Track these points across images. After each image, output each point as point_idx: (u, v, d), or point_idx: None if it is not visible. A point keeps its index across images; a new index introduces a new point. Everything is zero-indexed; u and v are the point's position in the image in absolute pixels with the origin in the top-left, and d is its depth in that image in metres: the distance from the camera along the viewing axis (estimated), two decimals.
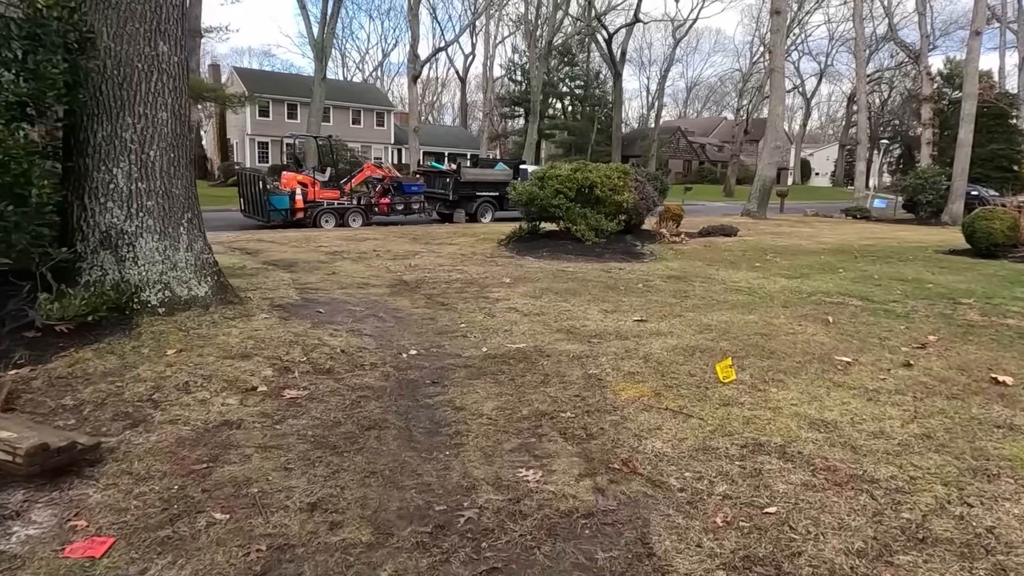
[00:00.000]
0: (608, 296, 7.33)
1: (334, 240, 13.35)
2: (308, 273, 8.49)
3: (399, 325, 5.74)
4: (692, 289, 7.98)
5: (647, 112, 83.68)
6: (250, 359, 4.44)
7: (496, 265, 9.86)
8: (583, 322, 6.00)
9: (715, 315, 6.45)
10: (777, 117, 26.42)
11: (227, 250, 11.05)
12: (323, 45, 34.64)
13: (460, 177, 21.47)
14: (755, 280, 8.92)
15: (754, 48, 59.62)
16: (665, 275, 9.17)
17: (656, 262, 10.86)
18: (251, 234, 14.86)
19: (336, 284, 7.63)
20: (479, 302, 6.80)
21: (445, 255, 11.16)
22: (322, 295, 6.87)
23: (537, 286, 7.83)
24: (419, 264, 9.71)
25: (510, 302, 6.84)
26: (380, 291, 7.30)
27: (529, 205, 12.46)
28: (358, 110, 52.36)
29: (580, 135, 60.51)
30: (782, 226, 21.97)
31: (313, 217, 18.41)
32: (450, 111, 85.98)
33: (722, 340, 5.45)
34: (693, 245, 13.97)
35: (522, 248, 12.18)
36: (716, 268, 10.12)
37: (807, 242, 15.74)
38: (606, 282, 8.33)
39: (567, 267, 9.79)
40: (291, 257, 10.21)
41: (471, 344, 5.18)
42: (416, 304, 6.64)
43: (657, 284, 8.31)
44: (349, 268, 9.12)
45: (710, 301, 7.23)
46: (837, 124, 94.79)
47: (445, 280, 8.20)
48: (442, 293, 7.29)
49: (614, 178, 12.58)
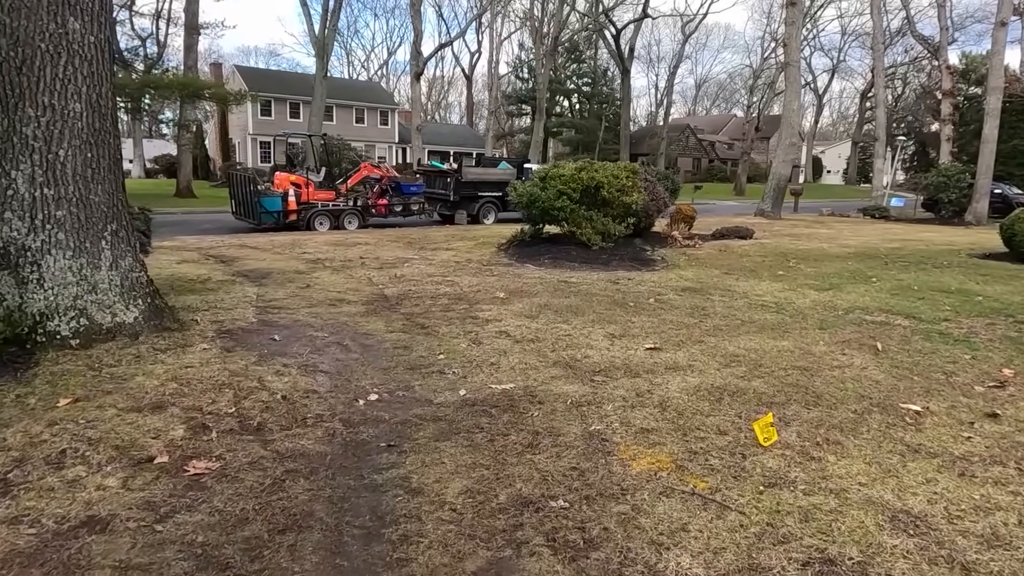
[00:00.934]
0: (615, 315, 6.36)
1: (321, 246, 12.44)
2: (279, 287, 7.57)
3: (365, 357, 4.79)
4: (711, 305, 6.99)
5: (655, 110, 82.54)
6: (163, 411, 3.51)
7: (492, 275, 8.91)
8: (585, 351, 5.04)
9: (741, 340, 5.48)
10: (792, 113, 25.34)
11: (201, 258, 10.16)
12: (324, 42, 33.79)
13: (461, 177, 20.54)
14: (781, 293, 7.92)
15: (765, 44, 58.38)
16: (679, 287, 8.19)
17: (668, 270, 9.87)
18: (237, 238, 13.98)
19: (306, 301, 6.70)
20: (466, 324, 5.85)
21: (437, 263, 10.22)
22: (284, 316, 5.95)
23: (535, 302, 6.87)
24: (406, 274, 8.77)
25: (502, 323, 5.89)
26: (354, 310, 6.36)
27: (530, 207, 11.50)
28: (361, 109, 51.53)
29: (587, 133, 59.43)
30: (798, 227, 20.91)
31: (307, 219, 17.53)
32: (457, 110, 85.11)
33: (754, 377, 4.47)
34: (707, 249, 12.96)
35: (522, 254, 11.23)
36: (735, 277, 9.13)
37: (828, 245, 14.70)
38: (613, 296, 7.36)
39: (570, 277, 8.83)
40: (267, 267, 9.30)
41: (447, 384, 4.23)
42: (392, 327, 5.70)
43: (671, 299, 7.33)
44: (327, 280, 8.20)
45: (733, 321, 6.24)
46: (849, 121, 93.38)
47: (431, 295, 7.26)
48: (425, 312, 6.34)
49: (622, 178, 11.60)
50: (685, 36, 55.44)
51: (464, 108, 73.65)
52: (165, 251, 11.05)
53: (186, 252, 10.84)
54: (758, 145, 62.37)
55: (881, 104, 29.17)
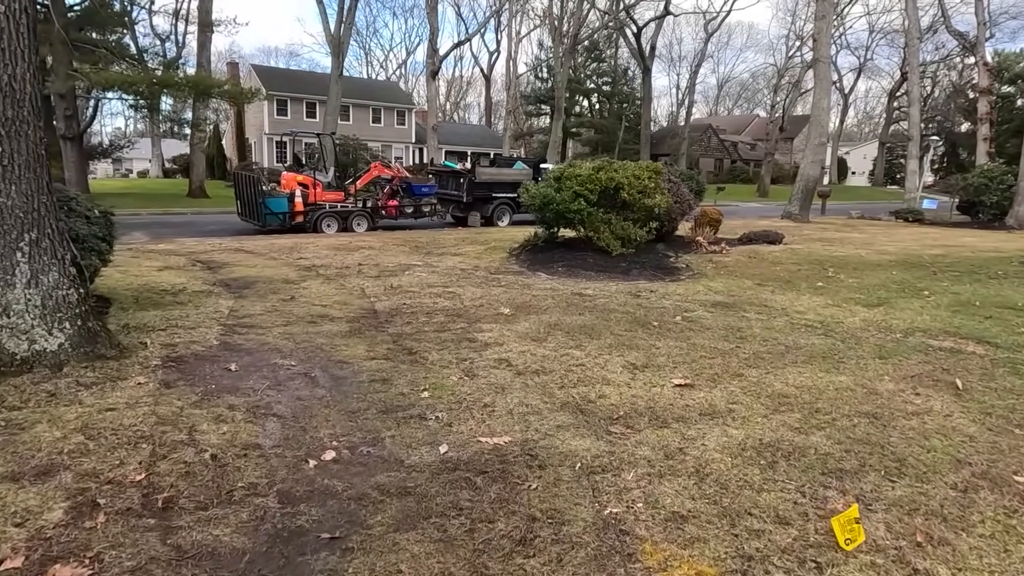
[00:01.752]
0: (637, 338, 5.46)
1: (322, 250, 11.66)
2: (259, 299, 6.77)
3: (333, 394, 3.95)
4: (747, 325, 6.07)
5: (676, 110, 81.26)
6: (49, 479, 2.70)
7: (499, 286, 8.05)
8: (601, 388, 4.16)
9: (789, 374, 4.56)
10: (822, 111, 24.14)
11: (187, 264, 9.42)
12: (340, 41, 33.20)
13: (475, 177, 19.71)
14: (825, 310, 6.97)
15: (790, 42, 56.88)
16: (709, 301, 7.26)
17: (695, 281, 8.94)
18: (237, 241, 13.27)
19: (283, 317, 5.89)
20: (461, 348, 4.99)
21: (442, 270, 9.39)
22: (252, 338, 5.13)
23: (544, 320, 6.00)
24: (404, 284, 7.94)
25: (503, 348, 5.02)
26: (335, 329, 5.53)
27: (543, 210, 10.62)
28: (378, 108, 50.96)
29: (607, 133, 58.35)
30: (828, 231, 19.80)
31: (313, 221, 16.82)
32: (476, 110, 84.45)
33: (812, 428, 3.57)
34: (736, 256, 11.99)
35: (535, 261, 10.36)
36: (771, 290, 8.18)
37: (866, 251, 13.63)
38: (634, 313, 6.46)
39: (586, 288, 7.94)
40: (255, 274, 8.53)
41: (426, 436, 3.37)
42: (374, 352, 4.86)
43: (701, 316, 6.41)
44: (315, 291, 7.39)
45: (776, 347, 5.32)
46: (875, 122, 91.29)
47: (427, 310, 6.41)
48: (416, 332, 5.50)
49: (644, 178, 10.68)
50: (708, 34, 54.17)
51: (483, 108, 72.93)
52: (155, 255, 10.35)
53: (175, 257, 10.12)
54: (781, 146, 60.90)
55: (915, 102, 27.85)
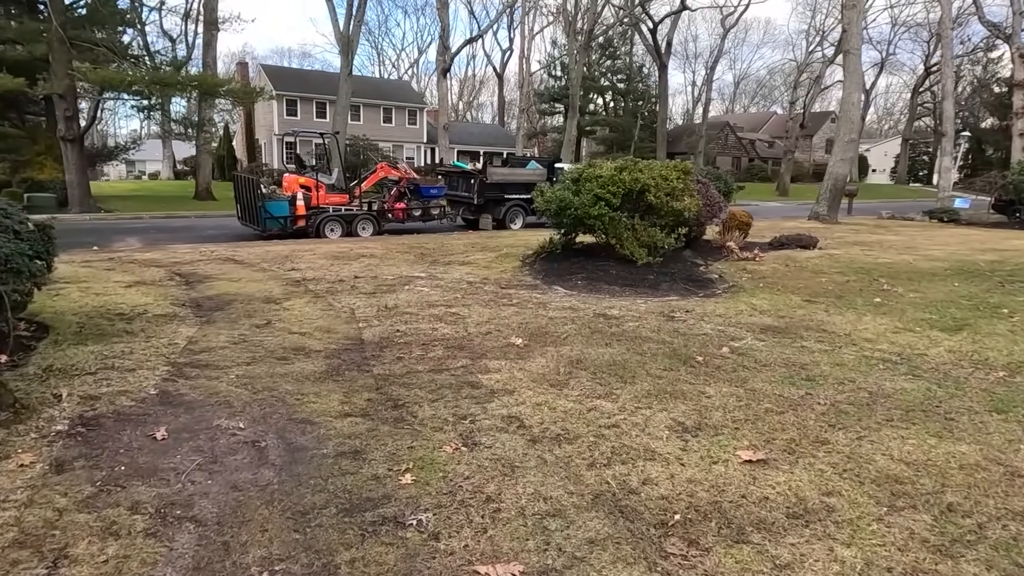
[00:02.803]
0: (681, 381, 4.39)
1: (318, 259, 10.67)
2: (229, 325, 5.77)
3: (282, 480, 2.92)
4: (811, 360, 4.97)
5: (692, 108, 79.84)
6: None
7: (510, 304, 7.00)
8: (645, 466, 3.10)
9: (889, 439, 3.46)
10: (852, 106, 22.82)
11: (163, 278, 8.46)
12: (349, 39, 32.30)
13: (486, 178, 18.68)
14: (897, 336, 5.85)
15: (810, 37, 55.37)
16: (756, 325, 6.17)
17: (734, 296, 7.83)
18: (232, 248, 12.33)
19: (249, 352, 4.88)
20: (460, 399, 3.95)
21: (447, 283, 8.36)
22: (201, 385, 4.12)
23: (564, 354, 4.94)
24: (402, 303, 6.91)
25: (514, 398, 3.98)
26: (308, 369, 4.50)
27: (560, 215, 9.55)
28: (389, 108, 50.09)
29: (622, 131, 57.11)
30: (861, 232, 18.57)
31: (316, 225, 15.88)
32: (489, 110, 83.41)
33: (957, 548, 2.48)
34: (771, 263, 10.85)
35: (551, 271, 9.30)
36: (823, 307, 7.07)
37: (911, 257, 12.42)
38: (671, 343, 5.38)
39: (610, 308, 6.87)
40: (235, 290, 7.54)
41: (401, 563, 2.33)
42: (350, 406, 3.83)
43: (751, 347, 5.33)
44: (298, 313, 6.38)
45: (856, 394, 4.22)
46: (895, 118, 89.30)
47: (424, 339, 5.38)
48: (407, 373, 4.46)
49: (672, 179, 9.58)
50: (725, 30, 52.70)
51: (496, 108, 71.91)
52: (133, 266, 9.41)
53: (154, 269, 9.16)
54: (801, 143, 59.37)
55: (949, 96, 26.41)
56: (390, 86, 55.84)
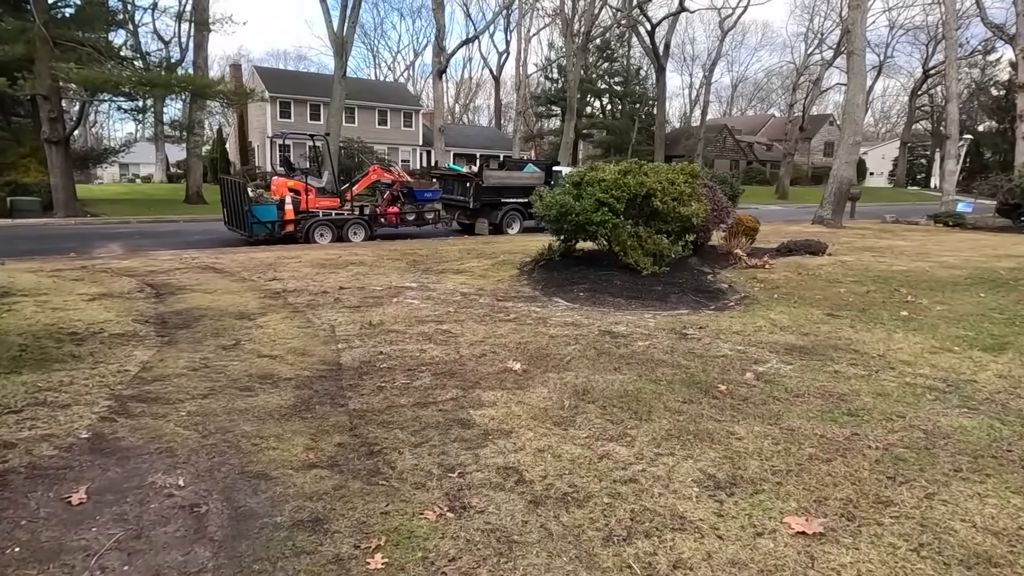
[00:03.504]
0: (704, 416, 3.79)
1: (304, 267, 10.05)
2: (192, 347, 5.15)
3: (218, 564, 2.32)
4: (850, 389, 4.38)
5: (689, 110, 79.45)
6: None
7: (507, 319, 6.40)
8: (674, 540, 2.50)
9: (963, 497, 2.87)
10: (856, 108, 22.31)
11: (133, 289, 7.83)
12: (343, 40, 31.70)
13: (482, 181, 18.08)
14: (937, 357, 5.27)
15: (809, 40, 54.91)
16: (780, 344, 5.57)
17: (749, 310, 7.24)
18: (214, 255, 11.69)
19: (208, 381, 4.27)
20: (448, 443, 3.34)
21: (439, 295, 7.76)
22: (144, 425, 3.51)
23: (568, 382, 4.34)
24: (388, 319, 6.30)
25: (512, 442, 3.37)
26: (273, 403, 3.90)
27: (560, 222, 8.96)
28: (384, 110, 49.48)
29: (620, 134, 56.57)
30: (868, 237, 18.02)
31: (305, 230, 15.26)
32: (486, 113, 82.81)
33: None
34: (782, 271, 10.28)
35: (550, 281, 8.71)
36: (849, 323, 6.48)
37: (927, 264, 11.85)
38: (687, 367, 4.78)
39: (616, 323, 6.28)
40: (208, 304, 6.92)
41: None
42: (316, 453, 3.22)
43: (779, 372, 4.73)
44: (271, 330, 5.77)
45: (911, 432, 3.62)
46: (892, 121, 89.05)
47: (411, 363, 4.77)
48: (387, 408, 3.85)
49: (680, 183, 9.00)
50: (723, 32, 52.34)
51: (492, 111, 71.37)
52: (105, 276, 8.78)
53: (125, 279, 8.53)
54: (801, 146, 58.95)
55: (954, 98, 25.91)
56: (385, 88, 55.25)
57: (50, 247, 14.00)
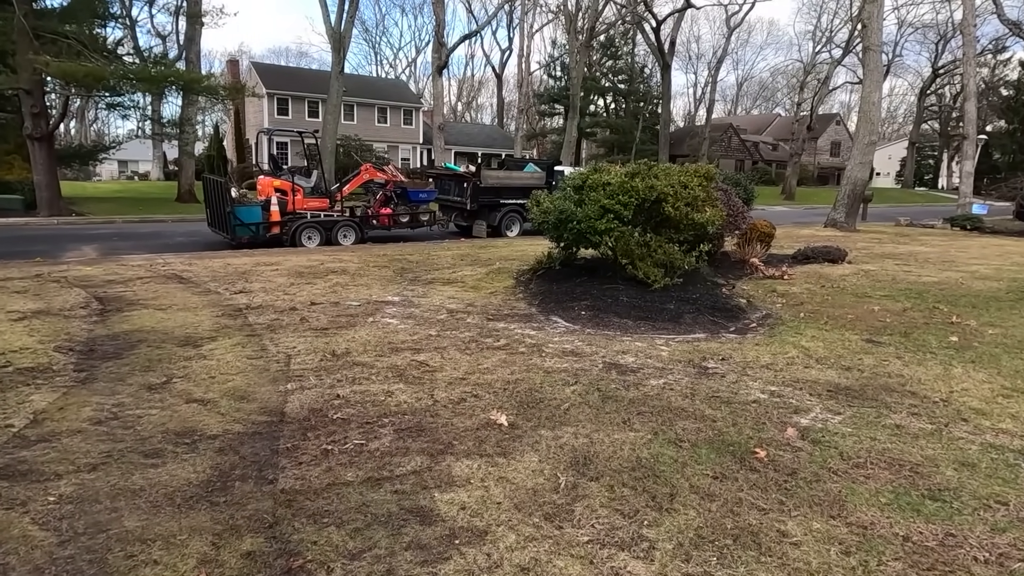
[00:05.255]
0: (744, 506, 2.86)
1: (279, 276, 9.15)
2: (112, 385, 4.24)
3: None
4: (921, 453, 3.45)
5: (694, 110, 78.39)
6: None
7: (497, 345, 5.48)
8: None
9: None
10: (872, 106, 21.35)
11: (80, 303, 6.92)
12: (341, 35, 30.78)
13: (480, 182, 17.17)
14: (1012, 402, 4.33)
15: (816, 37, 53.81)
16: (819, 383, 4.64)
17: (774, 333, 6.30)
18: (189, 261, 10.78)
19: (110, 441, 3.35)
20: (396, 553, 2.41)
21: (422, 312, 6.84)
22: None
23: (565, 445, 3.42)
24: (357, 346, 5.38)
25: (485, 549, 2.45)
26: (180, 480, 2.97)
27: (560, 229, 8.04)
28: (384, 107, 48.58)
29: (623, 133, 55.58)
30: (886, 242, 17.07)
31: (292, 233, 14.35)
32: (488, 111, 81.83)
33: None
34: (803, 283, 9.36)
35: (549, 294, 7.79)
36: (894, 351, 5.55)
37: (957, 274, 10.90)
38: (714, 419, 3.86)
39: (624, 352, 5.36)
40: (154, 324, 6.01)
41: None
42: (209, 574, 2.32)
43: (827, 430, 3.80)
44: (217, 362, 4.85)
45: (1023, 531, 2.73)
46: (898, 121, 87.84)
47: (371, 414, 3.86)
48: (328, 488, 2.93)
49: (693, 187, 8.06)
50: (730, 29, 51.32)
51: (495, 109, 70.40)
52: (54, 286, 7.88)
53: (75, 291, 7.62)
54: (808, 146, 57.91)
55: (972, 96, 24.89)
56: (385, 85, 54.31)
57: (17, 250, 13.10)
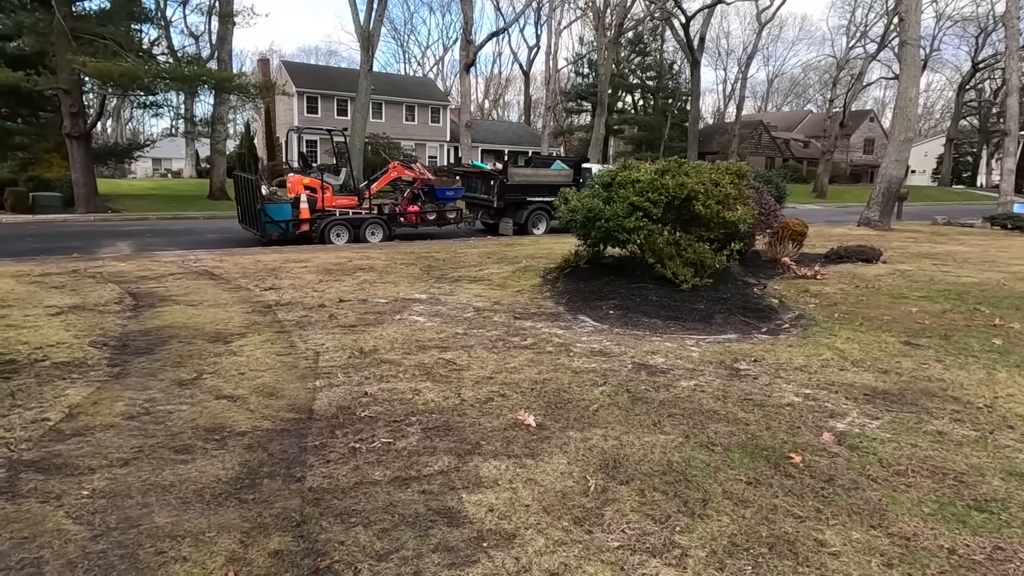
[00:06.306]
0: (779, 513, 2.77)
1: (308, 273, 9.23)
2: (144, 380, 4.30)
3: None
4: (965, 461, 3.32)
5: (723, 107, 77.40)
6: None
7: (524, 345, 5.44)
8: None
9: None
10: (909, 102, 20.81)
11: (110, 300, 7.04)
12: (370, 33, 30.99)
13: (507, 179, 17.15)
14: None
15: (850, 32, 52.69)
16: (855, 386, 4.51)
17: (808, 334, 6.16)
18: (219, 257, 10.94)
19: (142, 436, 3.39)
20: (424, 555, 2.37)
21: (449, 310, 6.83)
22: (27, 512, 2.62)
23: (594, 447, 3.37)
24: (384, 343, 5.39)
25: (513, 553, 2.40)
26: (209, 476, 2.98)
27: (588, 227, 7.96)
28: (412, 105, 48.84)
29: (651, 130, 55.11)
30: (921, 241, 16.63)
31: (321, 230, 14.49)
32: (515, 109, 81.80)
33: None
34: (836, 283, 9.14)
35: (576, 293, 7.73)
36: (934, 354, 5.38)
37: (998, 275, 10.55)
38: (746, 422, 3.78)
39: (653, 352, 5.28)
40: (185, 320, 6.09)
41: None
42: (237, 573, 2.33)
43: (865, 435, 3.68)
44: (247, 358, 4.89)
45: None
46: (935, 117, 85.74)
47: (398, 412, 3.85)
48: (356, 487, 2.91)
49: (725, 184, 7.93)
50: (760, 25, 50.51)
51: (522, 106, 70.32)
52: (89, 282, 8.04)
53: (109, 287, 7.77)
54: (841, 143, 56.78)
55: (1014, 91, 24.09)
56: (413, 83, 54.57)
57: (56, 246, 13.43)
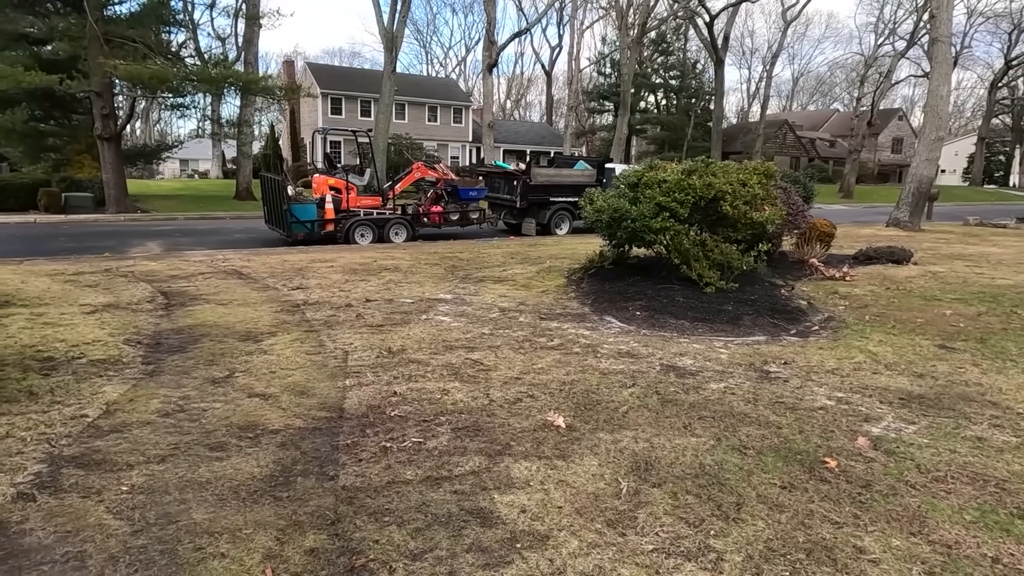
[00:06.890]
0: (815, 519, 2.71)
1: (334, 272, 9.31)
2: (178, 378, 4.37)
3: None
4: (1007, 468, 3.22)
5: (747, 106, 76.65)
6: None
7: (551, 345, 5.43)
8: None
9: None
10: (940, 100, 20.42)
11: (142, 299, 7.16)
12: (393, 35, 31.19)
13: (530, 179, 17.15)
14: None
15: (879, 30, 51.83)
16: (890, 390, 4.43)
17: (838, 337, 6.07)
18: (247, 257, 11.09)
19: (175, 434, 3.42)
20: (458, 555, 2.37)
21: (474, 310, 6.84)
22: (68, 506, 2.66)
23: (625, 449, 3.35)
24: (412, 343, 5.41)
25: (547, 555, 2.39)
26: (244, 473, 3.02)
27: (614, 227, 7.93)
28: (434, 106, 49.05)
29: (674, 130, 54.73)
30: (953, 242, 16.29)
31: (345, 230, 14.62)
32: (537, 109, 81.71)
33: None
34: (866, 284, 9.00)
35: (602, 293, 7.70)
36: (970, 357, 5.27)
37: None
38: (779, 425, 3.73)
39: (682, 354, 5.24)
40: (216, 319, 6.17)
41: None
42: (274, 570, 2.35)
43: (902, 440, 3.61)
44: (277, 357, 4.95)
45: None
46: (966, 116, 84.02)
47: (428, 412, 3.86)
48: (388, 486, 2.93)
49: (753, 185, 7.84)
50: (786, 23, 49.90)
51: (544, 106, 70.22)
52: (121, 281, 8.20)
53: (141, 286, 7.92)
54: (868, 142, 55.87)
55: None
56: (435, 84, 54.78)
57: (87, 246, 13.70)
